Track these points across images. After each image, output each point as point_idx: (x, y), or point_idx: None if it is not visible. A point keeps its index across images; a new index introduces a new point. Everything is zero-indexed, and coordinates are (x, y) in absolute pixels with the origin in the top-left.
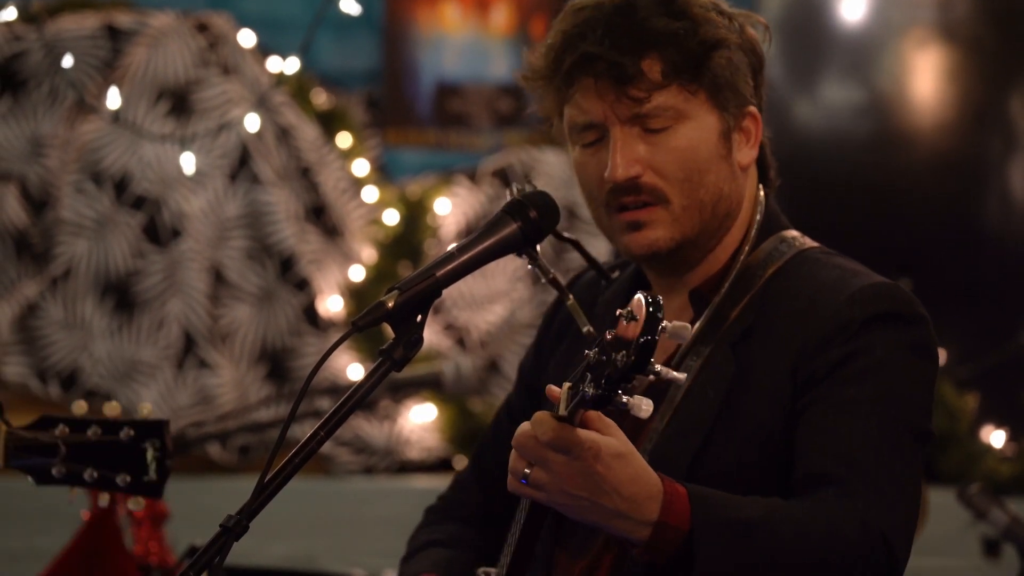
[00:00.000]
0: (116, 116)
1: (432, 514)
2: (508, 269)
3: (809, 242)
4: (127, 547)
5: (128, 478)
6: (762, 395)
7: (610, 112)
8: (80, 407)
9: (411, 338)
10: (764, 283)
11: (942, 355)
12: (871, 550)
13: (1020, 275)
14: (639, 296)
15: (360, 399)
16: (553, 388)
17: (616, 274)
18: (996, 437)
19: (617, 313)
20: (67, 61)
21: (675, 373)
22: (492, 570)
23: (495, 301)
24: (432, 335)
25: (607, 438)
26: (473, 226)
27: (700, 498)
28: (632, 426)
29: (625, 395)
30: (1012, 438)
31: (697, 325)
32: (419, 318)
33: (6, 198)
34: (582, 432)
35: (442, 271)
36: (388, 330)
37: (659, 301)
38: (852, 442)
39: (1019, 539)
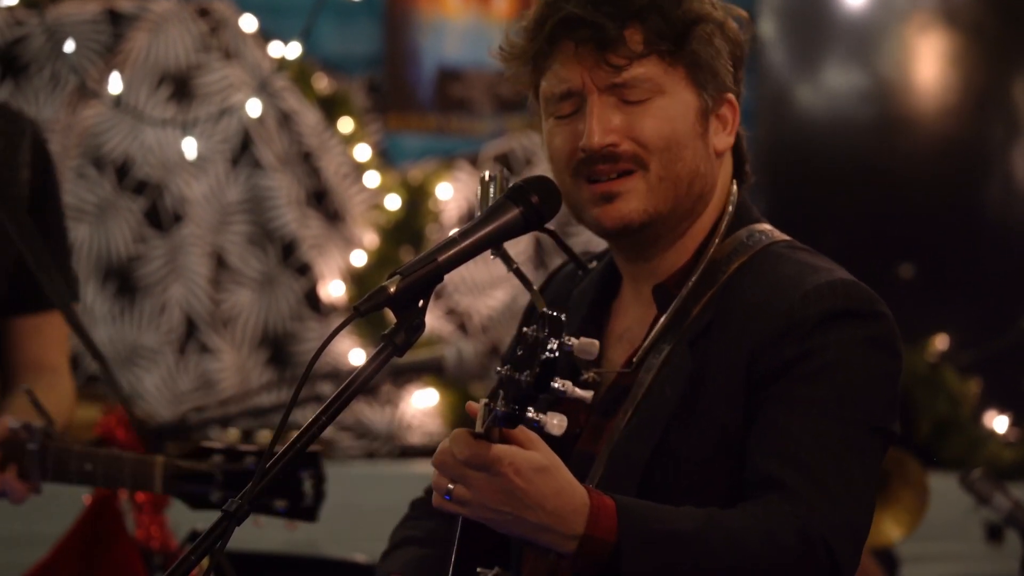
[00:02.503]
0: (118, 101)
1: (415, 508)
2: (510, 254)
3: (779, 235)
4: (129, 532)
5: (285, 503)
6: (718, 393)
7: (588, 79)
8: (232, 435)
9: (413, 323)
10: (727, 279)
11: (944, 340)
12: (807, 555)
13: (1022, 260)
14: (543, 313)
15: (362, 384)
16: (472, 404)
17: (593, 265)
18: (999, 423)
19: (523, 331)
20: (68, 46)
21: (580, 392)
22: (490, 572)
23: (496, 286)
24: (434, 320)
25: (528, 452)
26: (474, 211)
27: (627, 510)
28: (596, 425)
29: (537, 412)
30: (1015, 423)
31: (660, 323)
32: (421, 303)
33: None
34: (501, 448)
35: (444, 256)
36: (390, 315)
37: (561, 319)
38: (800, 443)
39: (1022, 524)
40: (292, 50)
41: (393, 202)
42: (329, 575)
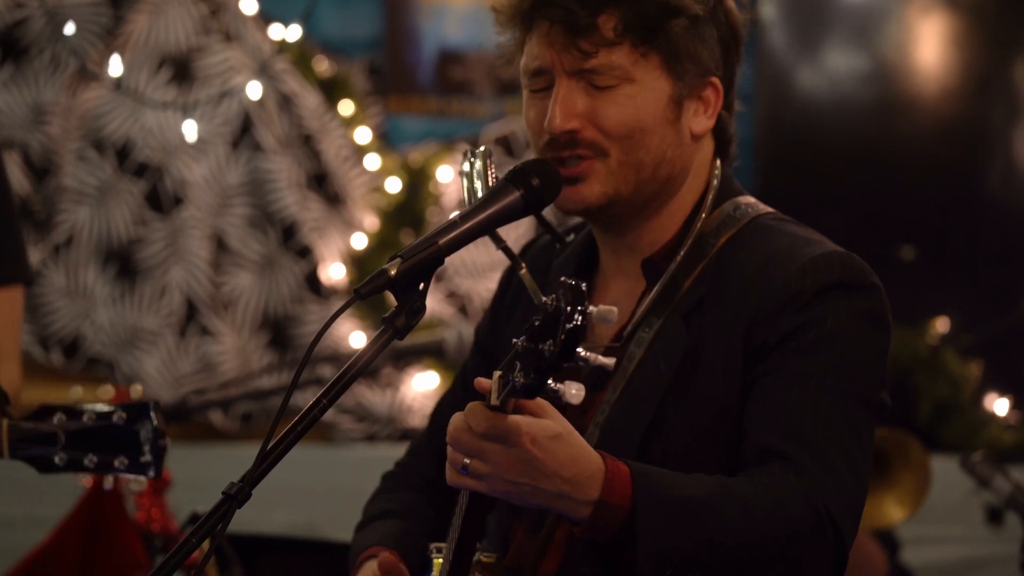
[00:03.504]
0: (118, 84)
1: (388, 480)
2: (510, 237)
3: (763, 208)
4: (129, 514)
5: (125, 460)
6: (714, 366)
7: (558, 61)
8: (75, 393)
9: (413, 306)
10: (717, 251)
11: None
12: (816, 527)
13: (1023, 241)
14: (563, 282)
15: (362, 367)
16: (482, 380)
17: (571, 238)
18: (999, 405)
19: (542, 300)
20: (69, 28)
21: (603, 359)
22: (443, 545)
23: (497, 269)
24: (434, 303)
25: (543, 421)
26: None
27: (642, 476)
28: (585, 399)
29: (556, 382)
30: (1015, 406)
31: (649, 297)
32: (421, 286)
33: (8, 165)
34: (516, 418)
35: (444, 239)
36: (390, 298)
37: (582, 287)
38: (801, 415)
39: (1022, 507)
40: (292, 33)
41: (394, 185)
42: (330, 558)
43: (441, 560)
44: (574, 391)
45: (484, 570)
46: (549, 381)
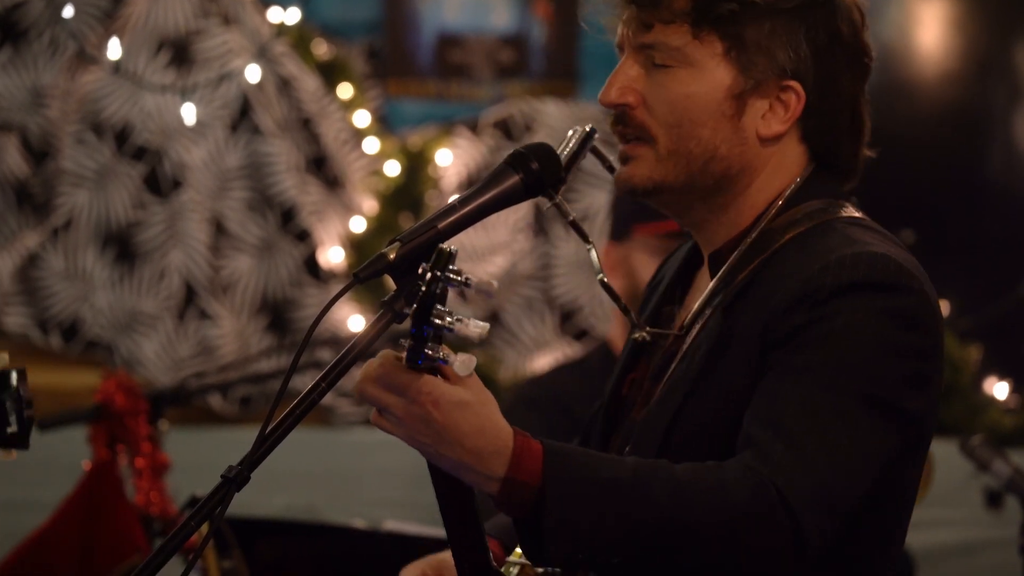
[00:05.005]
0: (117, 67)
1: None
2: (509, 221)
3: (850, 212)
4: (128, 497)
5: None
6: (737, 358)
7: (626, 35)
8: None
9: (412, 290)
10: (776, 249)
11: (944, 306)
12: (762, 515)
13: (1023, 226)
14: (440, 248)
15: (361, 350)
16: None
17: None
18: (999, 389)
19: (422, 266)
20: (68, 11)
21: (470, 328)
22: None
23: (496, 253)
24: None
25: (451, 386)
26: (474, 177)
27: (555, 454)
28: (648, 392)
29: (441, 350)
30: (1015, 390)
31: (708, 288)
32: (420, 270)
33: (7, 149)
34: (424, 377)
35: (444, 223)
36: (389, 282)
37: (446, 251)
38: (786, 406)
39: (1021, 491)
40: (291, 16)
41: (392, 168)
42: (328, 540)
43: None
44: (461, 359)
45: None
46: (435, 349)
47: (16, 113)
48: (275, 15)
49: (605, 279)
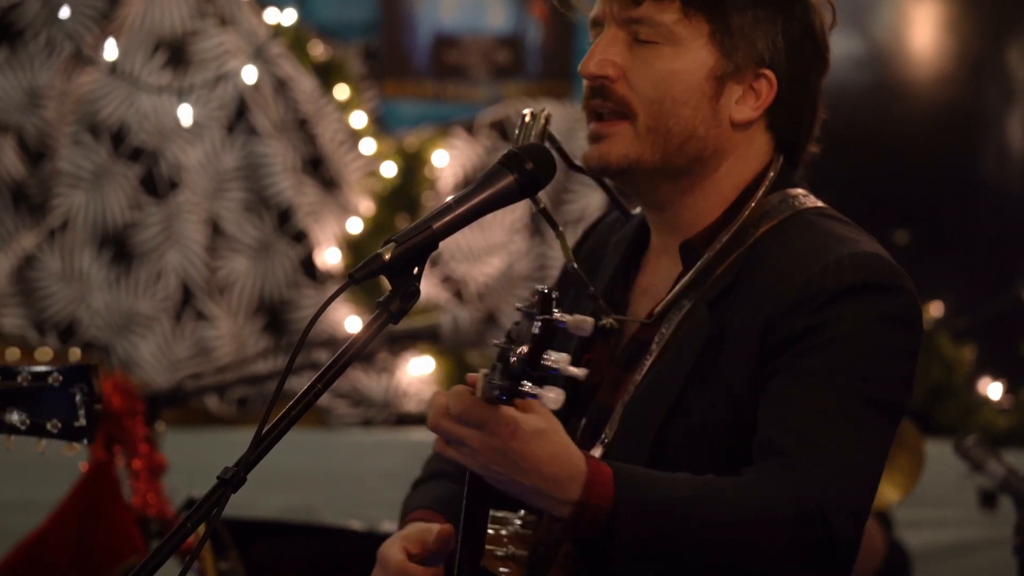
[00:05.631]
0: (113, 67)
1: None
2: (506, 221)
3: (812, 201)
4: (125, 498)
5: (59, 424)
6: (733, 356)
7: (609, 9)
8: (13, 353)
9: (408, 290)
10: (753, 242)
11: (939, 307)
12: (805, 526)
13: (1017, 226)
14: (537, 289)
15: (358, 351)
16: (472, 376)
17: (636, 211)
18: (993, 389)
19: (517, 307)
20: (64, 12)
21: (573, 370)
22: (515, 516)
23: (492, 253)
24: (429, 287)
25: (527, 415)
26: (471, 178)
27: (624, 477)
28: (615, 378)
29: (534, 385)
30: (1009, 390)
31: (683, 280)
32: (416, 270)
33: (3, 149)
34: (499, 409)
35: (439, 223)
36: (385, 282)
37: (552, 295)
38: (803, 413)
39: (1015, 490)
40: (288, 16)
41: (389, 169)
42: (325, 542)
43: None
44: (552, 395)
45: (514, 540)
46: (526, 385)
47: (12, 114)
48: (271, 16)
49: (575, 266)
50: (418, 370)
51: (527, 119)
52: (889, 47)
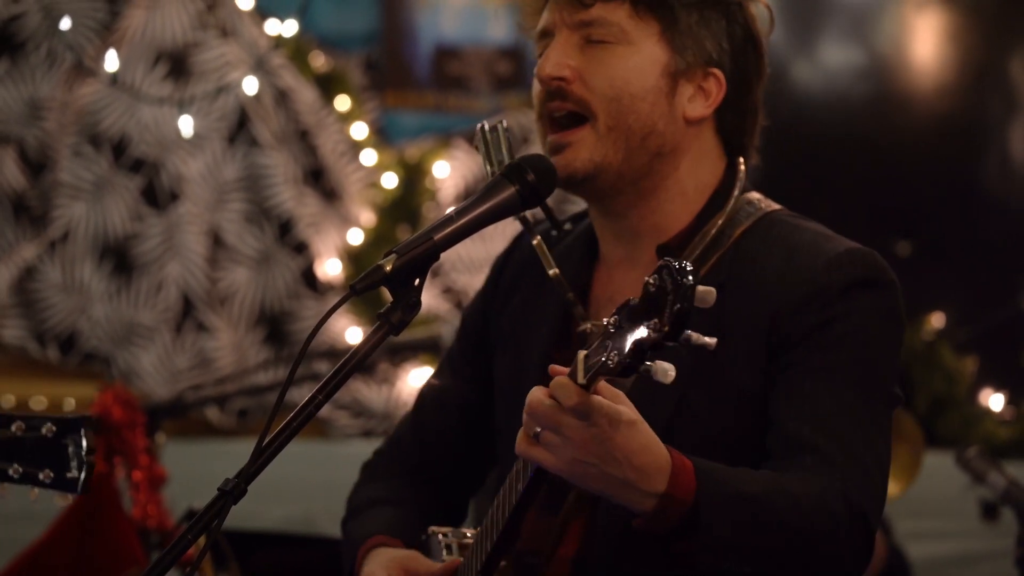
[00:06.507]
0: (114, 79)
1: (370, 469)
2: (506, 232)
3: (772, 204)
4: (126, 510)
5: (51, 474)
6: (736, 353)
7: (559, 17)
8: (7, 401)
9: (409, 302)
10: (733, 243)
11: (941, 318)
12: (852, 522)
13: (1019, 237)
14: (667, 262)
15: (358, 362)
16: (557, 367)
17: (568, 227)
18: (995, 400)
19: (645, 280)
20: (65, 23)
21: (706, 339)
22: (446, 529)
23: None
24: (430, 298)
25: (621, 407)
26: (472, 189)
27: (705, 472)
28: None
29: (649, 362)
30: (1011, 401)
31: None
32: (417, 282)
33: (4, 161)
34: (600, 399)
35: (440, 235)
36: (386, 294)
37: (687, 268)
38: (829, 408)
39: (1017, 502)
40: (289, 28)
41: (390, 180)
42: (325, 553)
43: (450, 547)
44: (668, 370)
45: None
46: (644, 362)
47: (13, 125)
48: (272, 27)
49: (557, 272)
50: (419, 381)
51: (487, 132)
52: (891, 58)
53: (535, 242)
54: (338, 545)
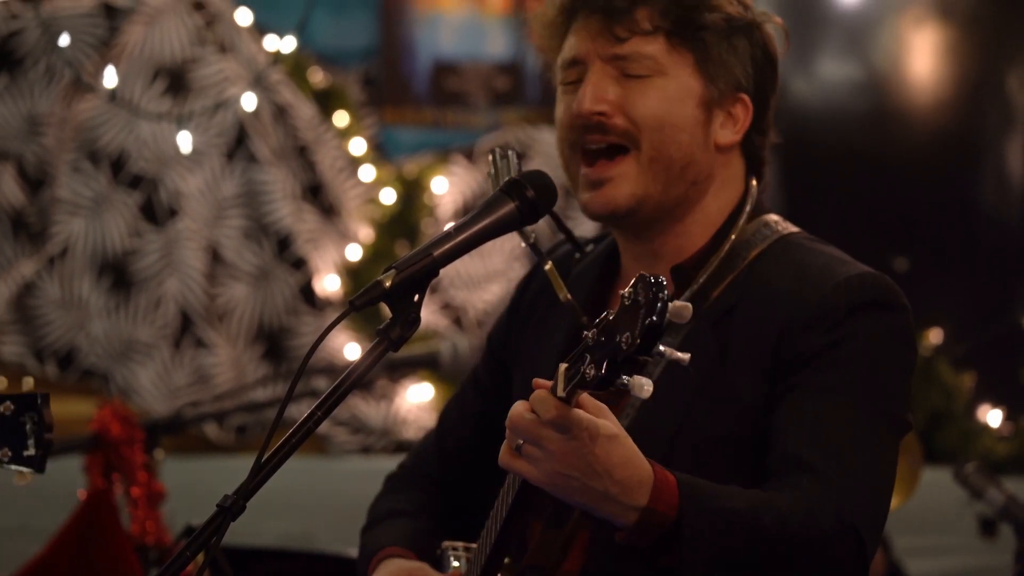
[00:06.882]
0: (113, 95)
1: (393, 481)
2: (505, 248)
3: (790, 227)
4: (124, 527)
5: (9, 452)
6: (741, 373)
7: (592, 48)
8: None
9: (408, 318)
10: (747, 265)
11: (939, 334)
12: (843, 541)
13: (1017, 252)
14: (642, 276)
15: (357, 379)
16: (540, 380)
17: (590, 248)
18: (993, 416)
19: (620, 293)
20: (64, 40)
21: (679, 354)
22: (458, 543)
23: (492, 280)
24: (429, 315)
25: (602, 420)
26: (470, 205)
27: (689, 487)
28: (605, 398)
29: (626, 376)
30: (1009, 417)
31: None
32: (416, 298)
33: (3, 177)
34: (580, 412)
35: (439, 251)
36: (385, 310)
37: (662, 282)
38: (829, 429)
39: (1015, 518)
40: (287, 44)
41: (388, 196)
42: (324, 569)
43: (459, 559)
44: (646, 386)
45: (503, 571)
46: (620, 375)
47: (12, 141)
48: (271, 43)
49: (569, 297)
50: (417, 397)
51: (499, 157)
52: (888, 73)
53: (547, 268)
54: (336, 561)
